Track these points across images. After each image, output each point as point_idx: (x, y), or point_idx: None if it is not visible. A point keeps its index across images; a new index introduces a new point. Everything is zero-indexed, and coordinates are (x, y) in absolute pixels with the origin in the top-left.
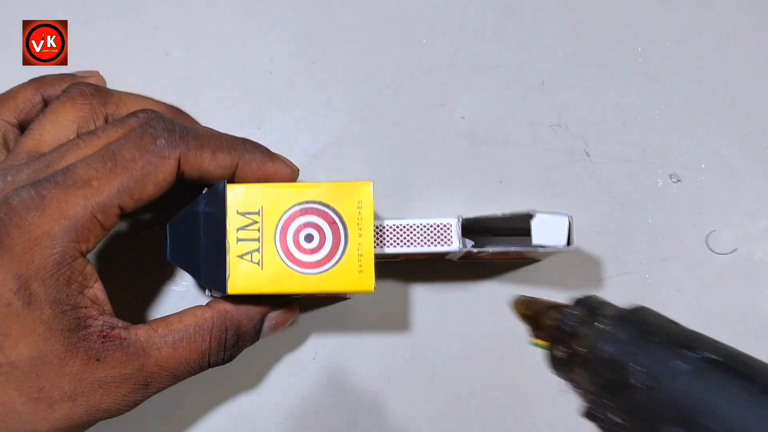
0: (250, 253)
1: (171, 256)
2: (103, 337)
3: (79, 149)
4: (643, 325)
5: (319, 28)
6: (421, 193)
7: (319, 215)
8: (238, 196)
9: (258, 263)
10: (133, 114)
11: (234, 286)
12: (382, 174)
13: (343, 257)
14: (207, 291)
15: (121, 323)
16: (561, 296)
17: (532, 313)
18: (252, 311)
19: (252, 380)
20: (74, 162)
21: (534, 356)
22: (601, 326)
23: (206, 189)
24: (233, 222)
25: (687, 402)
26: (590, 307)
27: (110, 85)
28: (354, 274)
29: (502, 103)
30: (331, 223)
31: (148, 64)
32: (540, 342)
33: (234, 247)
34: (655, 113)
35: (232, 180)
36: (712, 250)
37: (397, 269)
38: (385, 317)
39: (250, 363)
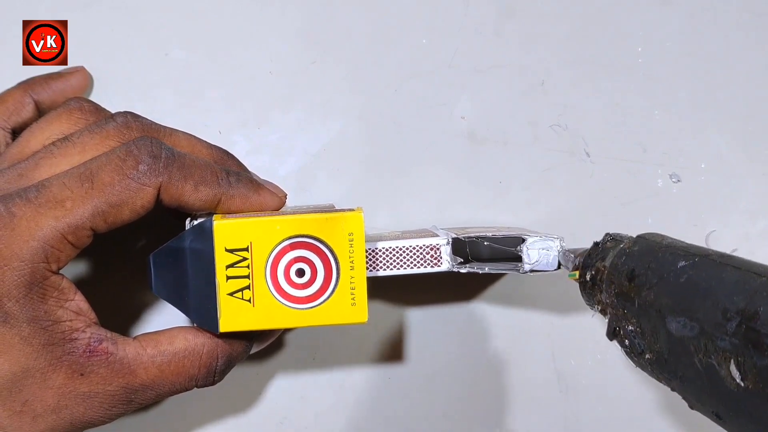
0: (241, 290)
1: (156, 289)
2: (90, 352)
3: (53, 157)
4: (653, 241)
5: (319, 28)
6: (420, 194)
7: (309, 249)
8: (225, 233)
9: (249, 300)
10: (111, 117)
11: (225, 325)
12: (381, 174)
13: (336, 291)
14: (197, 325)
15: (109, 335)
16: (556, 296)
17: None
18: (242, 338)
19: (252, 381)
20: (49, 178)
21: (534, 355)
22: (619, 246)
23: (190, 219)
24: (222, 259)
25: (687, 291)
26: (614, 237)
27: (110, 85)
28: (347, 307)
29: (502, 103)
30: (322, 257)
31: (148, 64)
32: (575, 274)
33: (224, 286)
34: (655, 113)
35: (215, 211)
36: None
37: (391, 278)
38: (384, 320)
39: (250, 364)
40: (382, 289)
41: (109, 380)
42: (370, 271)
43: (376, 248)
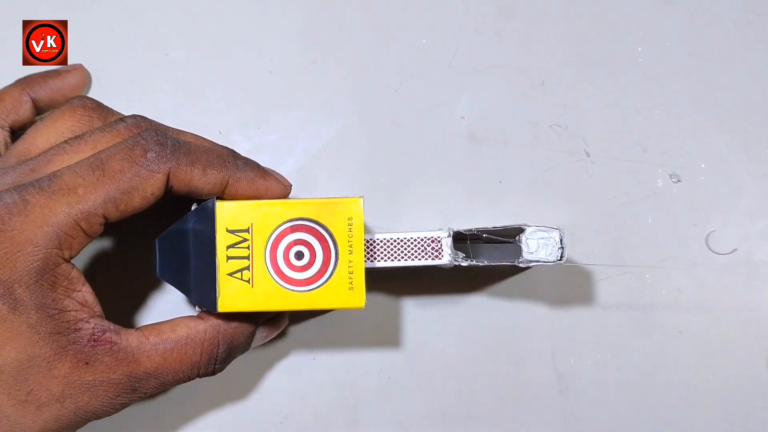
0: (240, 271)
1: (160, 273)
2: (94, 341)
3: (66, 154)
4: None
5: (319, 28)
6: (420, 194)
7: (309, 232)
8: (227, 214)
9: (248, 281)
10: (121, 119)
11: (224, 305)
12: (381, 174)
13: (334, 274)
14: (197, 306)
15: (112, 326)
16: (557, 295)
17: None
18: (244, 325)
19: (252, 380)
20: (61, 168)
21: (534, 356)
22: None
23: (195, 205)
24: (223, 240)
25: None
26: None
27: (110, 85)
28: (344, 291)
29: (502, 103)
30: (322, 240)
31: (148, 64)
32: None
33: (224, 266)
34: (655, 113)
35: (222, 197)
36: (712, 250)
37: (391, 274)
38: (383, 319)
39: (250, 363)
40: (383, 286)
41: (114, 369)
42: (370, 261)
43: (375, 239)
